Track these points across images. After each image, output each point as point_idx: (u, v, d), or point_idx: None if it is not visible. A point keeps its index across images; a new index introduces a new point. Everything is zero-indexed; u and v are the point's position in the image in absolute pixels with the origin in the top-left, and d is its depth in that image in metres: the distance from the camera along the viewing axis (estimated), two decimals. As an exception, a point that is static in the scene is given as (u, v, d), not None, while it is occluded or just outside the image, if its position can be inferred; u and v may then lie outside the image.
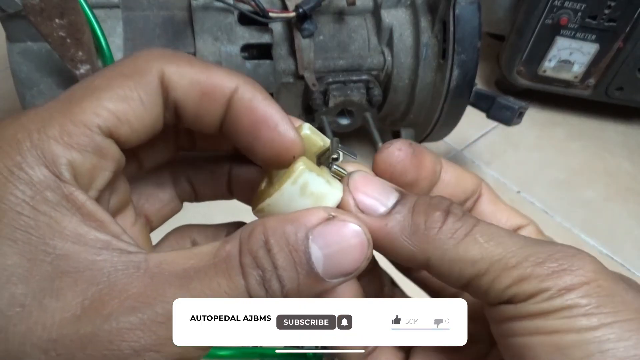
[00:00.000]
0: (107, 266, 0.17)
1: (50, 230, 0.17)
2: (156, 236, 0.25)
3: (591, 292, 0.18)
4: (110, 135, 0.18)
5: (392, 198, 0.21)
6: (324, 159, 0.22)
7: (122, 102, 0.19)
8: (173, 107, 0.20)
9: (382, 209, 0.20)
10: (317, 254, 0.18)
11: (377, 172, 0.22)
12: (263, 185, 0.23)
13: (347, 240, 0.18)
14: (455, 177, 0.24)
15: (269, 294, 0.18)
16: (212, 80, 0.20)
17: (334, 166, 0.21)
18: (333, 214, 0.19)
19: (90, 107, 0.18)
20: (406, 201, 0.21)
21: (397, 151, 0.22)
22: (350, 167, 0.22)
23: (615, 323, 0.17)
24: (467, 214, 0.20)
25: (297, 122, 0.23)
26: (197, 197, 0.26)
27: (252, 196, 0.23)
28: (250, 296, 0.17)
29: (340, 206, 0.21)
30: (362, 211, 0.20)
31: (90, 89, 0.19)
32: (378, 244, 0.20)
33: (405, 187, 0.22)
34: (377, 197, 0.21)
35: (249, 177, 0.25)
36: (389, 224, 0.20)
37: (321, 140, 0.23)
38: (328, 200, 0.20)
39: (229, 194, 0.26)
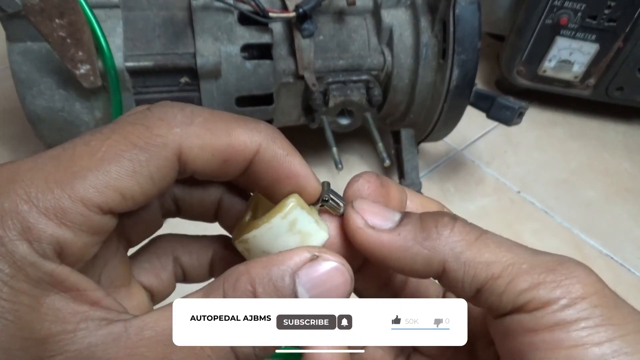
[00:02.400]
0: (85, 342, 0.16)
1: (28, 311, 0.16)
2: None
3: (601, 301, 0.18)
4: (109, 211, 0.17)
5: (397, 215, 0.21)
6: (314, 200, 0.22)
7: (131, 178, 0.17)
8: (188, 175, 0.19)
9: (390, 224, 0.21)
10: (304, 296, 0.18)
11: None
12: (247, 216, 0.23)
13: (332, 279, 0.19)
14: (420, 205, 0.24)
15: (255, 351, 0.18)
16: (234, 146, 0.19)
17: (330, 202, 0.22)
18: (316, 253, 0.19)
19: (93, 183, 0.17)
20: (411, 215, 0.21)
21: (367, 183, 0.22)
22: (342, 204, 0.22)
23: (627, 335, 0.17)
24: (472, 223, 0.21)
25: None
26: (179, 215, 0.25)
27: (235, 224, 0.23)
28: (237, 357, 0.17)
29: (347, 227, 0.21)
30: (373, 227, 0.20)
31: (97, 159, 0.17)
32: (392, 257, 0.20)
33: None
34: (383, 215, 0.21)
35: (237, 207, 0.25)
36: (402, 233, 0.20)
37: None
38: (314, 239, 0.21)
39: (213, 219, 0.26)
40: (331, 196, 0.22)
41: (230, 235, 0.25)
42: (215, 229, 0.26)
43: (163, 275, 0.25)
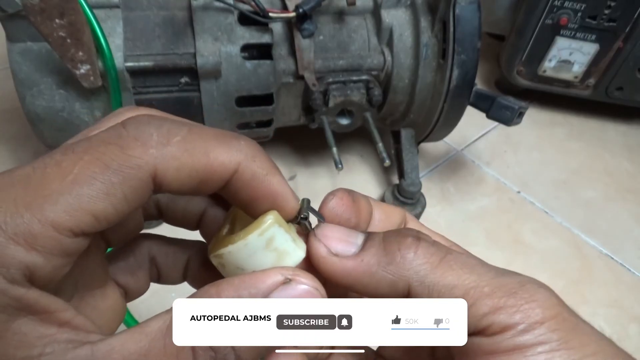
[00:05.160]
0: None
1: None
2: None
3: (560, 326, 0.18)
4: (81, 234, 0.17)
5: (360, 237, 0.21)
6: (292, 217, 0.22)
7: (103, 200, 0.17)
8: (163, 192, 0.19)
9: (354, 249, 0.21)
10: None
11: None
12: (225, 230, 0.23)
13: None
14: (385, 214, 0.24)
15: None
16: (212, 166, 0.19)
17: (305, 223, 0.22)
18: (289, 276, 0.18)
19: (64, 207, 0.16)
20: (374, 236, 0.21)
21: (340, 200, 0.22)
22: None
23: (584, 359, 0.17)
24: (436, 241, 0.21)
25: None
26: (161, 219, 0.25)
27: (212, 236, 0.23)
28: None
29: (311, 256, 0.21)
30: (336, 255, 0.20)
31: (69, 181, 0.16)
32: (358, 283, 0.20)
33: None
34: (346, 240, 0.21)
35: (220, 219, 0.25)
36: (365, 259, 0.20)
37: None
38: (290, 258, 0.20)
39: (195, 227, 0.25)
40: (310, 214, 0.22)
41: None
42: (196, 234, 0.26)
43: (139, 274, 0.25)
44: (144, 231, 0.25)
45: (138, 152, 0.17)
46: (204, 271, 0.26)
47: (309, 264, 0.21)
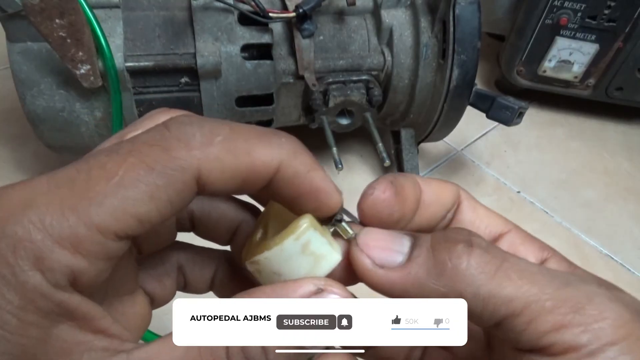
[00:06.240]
0: None
1: (35, 344, 0.16)
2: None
3: (633, 348, 0.16)
4: (125, 237, 0.17)
5: (406, 243, 0.20)
6: (326, 220, 0.21)
7: (148, 203, 0.16)
8: (205, 194, 0.19)
9: (400, 258, 0.19)
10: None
11: (365, 220, 0.21)
12: (258, 235, 0.22)
13: None
14: (435, 195, 0.22)
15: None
16: (255, 164, 0.18)
17: (343, 225, 0.21)
18: (321, 286, 0.18)
19: (110, 210, 0.16)
20: (422, 242, 0.19)
21: (382, 194, 0.21)
22: (355, 229, 0.21)
23: None
24: (490, 244, 0.19)
25: None
26: (193, 231, 0.25)
27: (244, 246, 0.23)
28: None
29: (355, 268, 0.20)
30: (381, 266, 0.19)
31: (114, 184, 0.16)
32: (405, 294, 0.19)
33: (391, 225, 0.21)
34: (390, 247, 0.20)
35: (248, 230, 0.24)
36: (412, 271, 0.19)
37: None
38: (326, 262, 0.20)
39: (226, 243, 0.25)
40: (344, 217, 0.21)
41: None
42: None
43: (166, 282, 0.24)
44: None
45: (182, 153, 0.17)
46: (230, 281, 0.25)
47: (345, 266, 0.20)
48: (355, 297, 0.19)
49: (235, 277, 0.22)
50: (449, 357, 0.24)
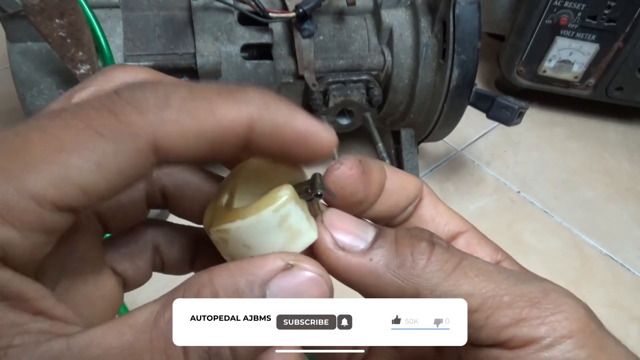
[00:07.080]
0: None
1: None
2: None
3: (587, 341, 0.17)
4: (67, 209, 0.14)
5: (371, 232, 0.19)
6: (303, 194, 0.19)
7: (94, 172, 0.14)
8: (172, 163, 0.17)
9: (362, 245, 0.19)
10: None
11: (327, 195, 0.20)
12: (224, 200, 0.20)
13: (308, 291, 0.17)
14: (399, 185, 0.22)
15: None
16: (221, 124, 0.16)
17: (319, 200, 0.19)
18: (291, 262, 0.17)
19: (48, 177, 0.14)
20: (386, 234, 0.19)
21: (348, 171, 0.20)
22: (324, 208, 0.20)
23: None
24: (451, 245, 0.19)
25: None
26: (167, 209, 0.23)
27: (202, 212, 0.20)
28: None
29: (316, 246, 0.19)
30: (343, 249, 0.19)
31: (54, 148, 0.14)
32: (361, 282, 0.19)
33: (353, 206, 0.20)
34: (355, 233, 0.19)
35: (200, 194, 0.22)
36: (374, 259, 0.18)
37: (300, 172, 0.20)
38: (301, 240, 0.18)
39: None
40: (325, 192, 0.19)
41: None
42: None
43: (139, 263, 0.23)
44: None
45: (133, 117, 0.15)
46: (213, 262, 0.24)
47: (312, 251, 0.19)
48: (328, 276, 0.17)
49: (219, 257, 0.21)
50: (397, 356, 0.24)
